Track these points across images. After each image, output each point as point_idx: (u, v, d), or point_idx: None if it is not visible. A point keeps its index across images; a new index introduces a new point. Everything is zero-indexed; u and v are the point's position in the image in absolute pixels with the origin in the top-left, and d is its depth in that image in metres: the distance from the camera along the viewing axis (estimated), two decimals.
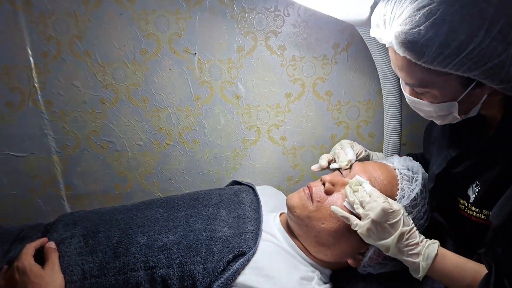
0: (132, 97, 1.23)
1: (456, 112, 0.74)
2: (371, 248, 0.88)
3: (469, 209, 0.82)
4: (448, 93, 0.73)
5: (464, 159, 0.82)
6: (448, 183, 0.85)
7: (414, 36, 0.66)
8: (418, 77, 0.72)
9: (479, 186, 0.79)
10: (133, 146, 1.28)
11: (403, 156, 1.01)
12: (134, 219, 0.96)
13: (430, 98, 0.75)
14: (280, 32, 1.18)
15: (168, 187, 1.33)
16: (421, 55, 0.67)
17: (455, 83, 0.71)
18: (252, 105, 1.25)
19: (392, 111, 1.11)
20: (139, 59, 1.19)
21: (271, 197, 1.13)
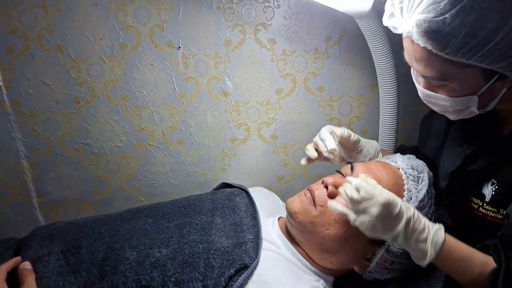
0: (110, 95, 1.13)
1: (474, 107, 0.71)
2: (378, 253, 0.84)
3: (484, 209, 0.79)
4: (468, 87, 0.68)
5: (479, 156, 0.79)
6: (462, 181, 0.82)
7: (438, 25, 0.61)
8: (438, 70, 0.67)
9: (496, 185, 0.76)
10: (112, 148, 1.18)
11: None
12: (120, 231, 0.87)
13: (448, 92, 0.71)
14: (270, 24, 1.11)
15: (152, 191, 1.25)
16: (445, 46, 0.62)
17: (477, 75, 0.66)
18: (241, 102, 1.18)
19: (389, 106, 1.07)
20: (117, 54, 1.09)
21: (265, 199, 1.06)
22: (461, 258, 0.70)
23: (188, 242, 0.83)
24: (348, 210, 0.74)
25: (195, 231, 0.87)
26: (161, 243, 0.83)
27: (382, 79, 1.04)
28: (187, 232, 0.86)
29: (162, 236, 0.85)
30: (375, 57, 1.02)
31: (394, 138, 1.12)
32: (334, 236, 0.82)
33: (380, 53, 0.99)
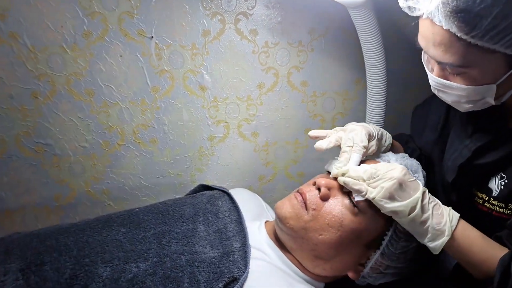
0: (73, 90, 1.01)
1: (491, 97, 0.66)
2: (373, 258, 0.79)
3: (490, 203, 0.75)
4: (489, 75, 0.64)
5: (489, 149, 0.75)
6: (469, 175, 0.78)
7: (467, 4, 0.56)
8: (459, 55, 0.63)
9: (506, 179, 0.72)
10: (76, 148, 1.07)
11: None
12: (90, 243, 0.77)
13: (466, 80, 0.66)
14: (252, 14, 1.03)
15: (122, 194, 1.14)
16: (472, 28, 0.57)
17: (500, 62, 0.62)
18: (220, 98, 1.09)
19: (377, 101, 1.03)
20: (81, 43, 0.97)
21: (249, 202, 0.99)
22: (475, 236, 0.70)
23: (169, 254, 0.74)
24: (362, 184, 0.72)
25: (176, 241, 0.78)
26: (138, 256, 0.74)
27: (371, 73, 0.99)
28: (167, 242, 0.77)
29: (138, 248, 0.76)
30: (365, 50, 0.97)
31: None
32: (328, 241, 0.76)
33: (371, 46, 0.94)
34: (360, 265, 0.80)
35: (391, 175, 0.71)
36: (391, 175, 0.71)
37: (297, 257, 0.81)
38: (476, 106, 0.70)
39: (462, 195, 0.80)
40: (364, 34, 0.93)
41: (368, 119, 1.07)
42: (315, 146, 0.83)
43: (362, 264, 0.80)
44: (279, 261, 0.80)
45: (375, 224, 0.76)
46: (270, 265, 0.78)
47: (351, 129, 0.84)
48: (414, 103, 1.25)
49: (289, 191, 1.23)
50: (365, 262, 0.79)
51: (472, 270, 0.71)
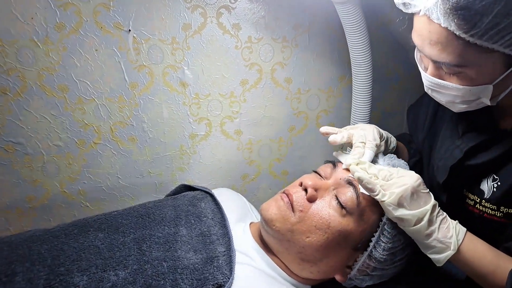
0: (45, 86, 0.95)
1: (487, 97, 0.65)
2: (360, 260, 0.77)
3: (482, 205, 0.74)
4: (486, 75, 0.63)
5: (480, 150, 0.74)
6: (460, 176, 0.77)
7: (468, 1, 0.54)
8: (456, 54, 0.61)
9: (499, 181, 0.71)
10: (50, 147, 1.01)
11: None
12: (65, 250, 0.72)
13: (461, 80, 0.65)
14: (234, 8, 0.99)
15: (99, 195, 1.09)
16: (472, 26, 0.56)
17: (497, 62, 0.61)
18: (202, 94, 1.05)
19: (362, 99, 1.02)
20: (54, 37, 0.92)
21: (232, 202, 0.96)
22: (482, 249, 0.69)
23: (149, 261, 0.71)
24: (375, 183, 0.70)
25: (157, 246, 0.74)
26: (117, 263, 0.70)
27: (357, 70, 0.98)
28: (148, 247, 0.74)
29: (117, 254, 0.72)
30: (351, 47, 0.95)
31: None
32: (315, 244, 0.74)
33: (358, 42, 0.92)
34: (347, 267, 0.78)
35: (404, 182, 0.70)
36: (405, 181, 0.70)
37: (283, 260, 0.79)
38: (471, 106, 0.69)
39: (453, 196, 0.79)
40: (350, 30, 0.91)
41: (353, 116, 1.06)
42: (329, 139, 0.83)
43: (349, 266, 0.78)
44: (265, 265, 0.78)
45: (362, 226, 0.75)
46: (256, 270, 0.76)
47: (362, 128, 0.85)
48: (398, 100, 1.25)
49: (273, 190, 1.21)
50: (352, 264, 0.78)
51: (480, 282, 0.69)
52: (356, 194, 0.75)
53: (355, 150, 0.81)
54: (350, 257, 0.77)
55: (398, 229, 0.74)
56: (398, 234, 0.75)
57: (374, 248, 0.76)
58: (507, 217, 0.71)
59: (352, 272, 0.78)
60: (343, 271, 0.78)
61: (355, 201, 0.74)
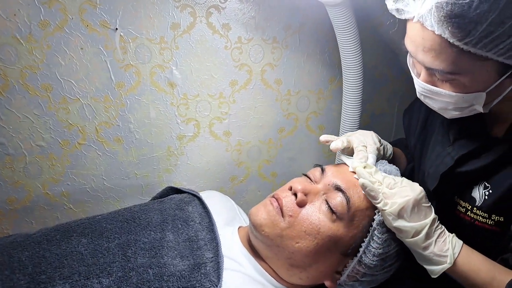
0: (28, 84, 0.92)
1: (480, 104, 0.65)
2: (350, 265, 0.76)
3: (473, 213, 0.74)
4: (479, 82, 0.62)
5: (472, 157, 0.73)
6: (451, 183, 0.77)
7: (463, 9, 0.53)
8: (450, 61, 0.60)
9: (490, 189, 0.71)
10: (32, 148, 0.98)
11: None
12: (47, 257, 0.70)
13: (455, 87, 0.64)
14: (224, 7, 0.97)
15: (83, 197, 1.06)
16: (466, 34, 0.55)
17: (491, 70, 0.60)
18: (190, 95, 1.03)
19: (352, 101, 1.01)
20: (38, 34, 0.89)
21: (220, 206, 0.94)
22: (479, 261, 0.68)
23: (135, 268, 0.69)
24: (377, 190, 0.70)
25: (143, 252, 0.72)
26: (101, 270, 0.68)
27: (348, 73, 0.97)
28: (133, 254, 0.72)
29: (101, 261, 0.70)
30: (342, 49, 0.94)
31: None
32: (305, 249, 0.73)
33: (349, 45, 0.91)
34: (336, 273, 0.78)
35: (407, 193, 0.69)
36: (407, 192, 0.69)
37: (272, 266, 0.77)
38: (464, 113, 0.69)
39: (444, 203, 0.79)
40: (341, 32, 0.90)
41: (343, 118, 1.05)
42: (331, 147, 0.82)
43: (338, 272, 0.77)
44: (254, 271, 0.76)
45: (352, 231, 0.74)
46: (244, 276, 0.74)
47: (360, 133, 0.86)
48: (387, 102, 1.25)
49: (262, 192, 1.20)
50: (342, 270, 0.77)
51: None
52: (346, 200, 0.74)
53: (359, 153, 0.81)
54: (340, 262, 0.76)
55: (389, 235, 0.74)
56: (389, 239, 0.74)
57: (364, 253, 0.75)
58: (498, 225, 0.71)
59: (341, 278, 0.77)
60: (332, 277, 0.78)
61: (345, 207, 0.73)
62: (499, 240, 0.71)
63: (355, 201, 0.74)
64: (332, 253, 0.74)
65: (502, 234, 0.71)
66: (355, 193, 0.75)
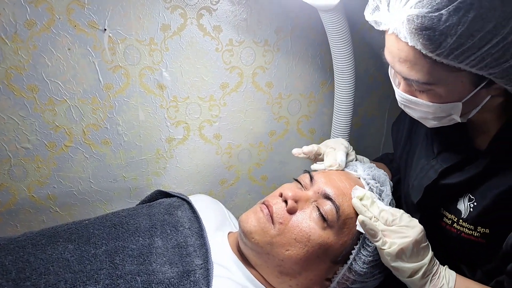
0: (13, 85, 0.90)
1: (457, 114, 0.66)
2: (340, 272, 0.76)
3: (459, 225, 0.74)
4: (454, 93, 0.63)
5: (455, 170, 0.74)
6: (436, 196, 0.77)
7: (433, 22, 0.54)
8: (424, 72, 0.61)
9: (475, 201, 0.71)
10: (17, 150, 0.96)
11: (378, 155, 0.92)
12: (32, 262, 0.68)
13: (431, 98, 0.65)
14: (216, 9, 0.96)
15: (69, 200, 1.04)
16: (437, 46, 0.56)
17: (465, 81, 0.61)
18: (180, 97, 1.02)
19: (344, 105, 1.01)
20: (23, 34, 0.86)
21: (210, 210, 0.93)
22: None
23: (122, 275, 0.67)
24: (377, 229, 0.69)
25: (131, 259, 0.71)
26: (88, 278, 0.66)
27: (340, 77, 0.97)
28: (121, 261, 0.70)
29: (88, 268, 0.68)
30: (334, 54, 0.93)
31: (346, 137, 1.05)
32: (294, 257, 0.73)
33: (341, 50, 0.90)
34: (326, 280, 0.77)
35: (408, 233, 0.68)
36: (408, 233, 0.68)
37: (262, 273, 0.77)
38: (443, 122, 0.69)
39: (430, 215, 0.79)
40: (334, 37, 0.89)
41: (335, 122, 1.04)
42: (293, 151, 0.87)
43: (328, 279, 0.77)
44: (243, 278, 0.76)
45: (343, 239, 0.74)
46: (234, 283, 0.73)
47: (330, 140, 0.91)
48: (378, 106, 1.25)
49: (251, 195, 1.19)
50: (332, 277, 0.77)
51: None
52: (335, 208, 0.74)
53: (328, 155, 0.84)
54: (330, 270, 0.76)
55: None
56: None
57: (354, 261, 0.75)
58: (484, 237, 0.71)
59: (331, 285, 0.77)
60: (322, 284, 0.77)
61: (335, 215, 0.73)
62: (485, 251, 0.72)
63: (344, 209, 0.74)
64: (322, 260, 0.74)
65: (488, 246, 0.71)
66: (345, 201, 0.75)
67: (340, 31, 0.87)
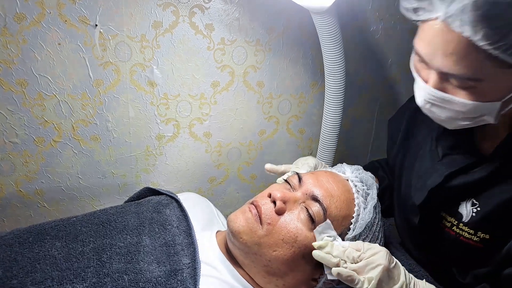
0: (2, 79, 0.89)
1: (491, 115, 0.61)
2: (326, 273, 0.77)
3: (459, 228, 0.74)
4: (498, 91, 0.59)
5: (460, 173, 0.73)
6: (438, 198, 0.76)
7: (501, 9, 0.50)
8: (473, 67, 0.56)
9: (478, 206, 0.71)
10: (5, 144, 0.95)
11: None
12: (19, 261, 0.68)
13: (471, 95, 0.60)
14: (208, 8, 0.96)
15: (57, 195, 1.04)
16: (501, 37, 0.51)
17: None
18: (171, 95, 1.02)
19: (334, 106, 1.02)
20: (13, 28, 0.85)
21: (198, 209, 0.94)
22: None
23: (110, 273, 0.68)
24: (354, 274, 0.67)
25: (118, 257, 0.71)
26: (75, 275, 0.67)
27: (330, 78, 0.97)
28: (108, 258, 0.71)
29: (75, 265, 0.68)
30: (325, 56, 0.94)
31: (336, 138, 1.06)
32: (281, 258, 0.74)
33: (332, 52, 0.91)
34: (313, 280, 0.78)
35: (377, 261, 0.67)
36: (377, 261, 0.67)
37: (249, 273, 0.77)
38: (473, 123, 0.65)
39: (429, 217, 0.79)
40: (326, 39, 0.90)
41: (325, 122, 1.05)
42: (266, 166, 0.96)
43: (315, 279, 0.78)
44: (231, 277, 0.76)
45: None
46: (221, 282, 0.74)
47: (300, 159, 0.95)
48: (368, 108, 1.26)
49: (240, 194, 1.20)
50: (318, 278, 0.78)
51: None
52: (323, 210, 0.74)
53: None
54: (316, 270, 0.77)
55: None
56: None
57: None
58: (483, 242, 0.71)
59: (317, 285, 0.78)
60: (308, 284, 0.78)
61: (322, 217, 0.74)
62: (481, 256, 0.72)
63: (332, 211, 0.75)
64: (309, 261, 0.75)
65: (485, 251, 0.71)
66: (332, 203, 0.76)
67: (332, 33, 0.88)
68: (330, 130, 1.04)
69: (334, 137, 1.05)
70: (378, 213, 0.82)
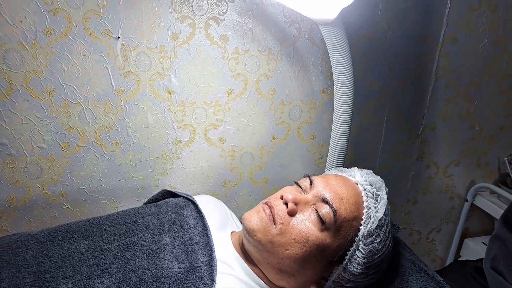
0: (31, 88, 0.95)
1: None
2: (336, 272, 0.82)
3: None
4: None
5: None
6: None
7: None
8: None
9: None
10: (33, 149, 1.01)
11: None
12: (51, 257, 0.74)
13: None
14: (223, 20, 1.02)
15: (80, 197, 1.10)
16: None
17: None
18: (187, 102, 1.07)
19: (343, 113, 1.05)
20: (42, 41, 0.92)
21: (214, 210, 0.99)
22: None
23: (134, 269, 0.73)
24: None
25: (141, 255, 0.77)
26: (102, 271, 0.72)
27: (339, 86, 1.02)
28: (132, 255, 0.76)
29: (102, 262, 0.74)
30: (334, 64, 0.98)
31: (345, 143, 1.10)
32: (293, 256, 0.78)
33: (340, 60, 0.95)
34: (322, 278, 0.83)
35: None
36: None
37: (263, 270, 0.82)
38: None
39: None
40: (333, 49, 0.94)
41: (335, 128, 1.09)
42: None
43: (324, 278, 0.82)
44: (245, 275, 0.81)
45: (339, 241, 0.79)
46: (236, 279, 0.79)
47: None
48: (375, 113, 1.30)
49: (253, 196, 1.25)
50: (327, 276, 0.82)
51: None
52: (333, 211, 0.79)
53: None
54: (326, 269, 0.81)
55: (372, 246, 0.79)
56: (373, 250, 0.79)
57: (349, 261, 0.80)
58: None
59: (327, 283, 0.83)
60: (318, 282, 0.83)
61: (332, 218, 0.78)
62: None
63: (341, 212, 0.79)
64: (319, 260, 0.79)
65: None
66: (342, 205, 0.80)
67: (339, 42, 0.92)
68: (339, 135, 1.08)
69: (343, 142, 1.09)
70: (388, 216, 0.85)
